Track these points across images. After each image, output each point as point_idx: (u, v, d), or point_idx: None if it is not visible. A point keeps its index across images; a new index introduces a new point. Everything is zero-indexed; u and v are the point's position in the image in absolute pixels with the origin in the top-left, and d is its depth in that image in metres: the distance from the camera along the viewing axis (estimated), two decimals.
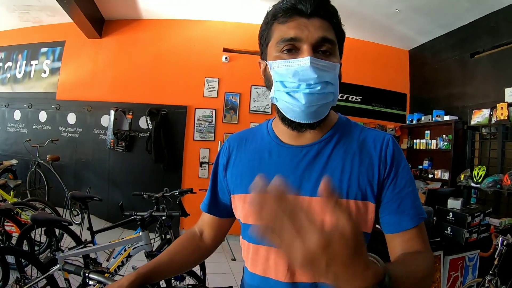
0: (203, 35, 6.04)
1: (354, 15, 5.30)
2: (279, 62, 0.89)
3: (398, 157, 0.95)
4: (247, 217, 1.02)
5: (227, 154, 1.12)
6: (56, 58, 6.33)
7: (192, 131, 5.93)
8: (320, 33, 0.87)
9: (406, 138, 6.28)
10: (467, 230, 3.02)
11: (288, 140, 1.01)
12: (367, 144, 0.97)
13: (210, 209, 1.18)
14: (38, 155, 5.76)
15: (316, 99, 0.87)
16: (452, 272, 3.19)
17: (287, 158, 0.98)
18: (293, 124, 0.95)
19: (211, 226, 1.21)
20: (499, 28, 4.66)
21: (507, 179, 4.00)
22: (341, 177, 0.92)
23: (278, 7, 0.91)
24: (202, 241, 1.21)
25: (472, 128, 4.91)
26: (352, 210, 0.90)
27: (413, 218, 0.91)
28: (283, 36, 0.89)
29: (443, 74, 5.72)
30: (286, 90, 0.88)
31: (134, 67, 6.03)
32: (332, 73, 0.89)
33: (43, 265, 2.80)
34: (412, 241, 0.91)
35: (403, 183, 0.93)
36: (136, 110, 5.86)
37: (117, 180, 5.95)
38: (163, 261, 1.10)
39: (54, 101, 6.24)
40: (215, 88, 5.96)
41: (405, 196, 0.93)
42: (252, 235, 1.02)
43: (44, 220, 2.98)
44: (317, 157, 0.96)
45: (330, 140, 0.98)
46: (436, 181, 5.42)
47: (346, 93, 6.29)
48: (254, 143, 1.08)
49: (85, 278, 1.28)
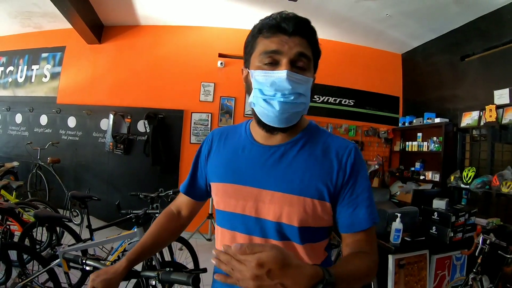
0: (199, 40, 6.15)
1: (346, 21, 5.42)
2: (260, 72, 1.01)
3: (359, 166, 1.06)
4: (219, 204, 1.16)
5: (209, 145, 1.27)
6: (57, 63, 6.46)
7: (189, 135, 6.04)
8: (298, 48, 1.00)
9: (399, 140, 6.34)
10: (451, 229, 3.11)
11: (260, 139, 1.13)
12: (330, 151, 1.08)
13: (188, 191, 1.34)
14: (39, 157, 5.89)
15: (289, 107, 0.99)
16: (439, 271, 3.28)
17: (257, 155, 1.11)
18: (266, 127, 1.06)
19: (187, 206, 1.38)
20: (488, 31, 4.74)
21: (495, 180, 4.05)
22: (302, 178, 1.04)
23: (264, 23, 1.03)
24: (180, 220, 1.38)
25: (462, 130, 4.96)
26: (308, 208, 1.03)
27: (364, 223, 1.03)
28: (266, 49, 1.01)
29: (435, 77, 5.80)
30: (263, 97, 1.00)
31: (132, 72, 6.15)
32: (305, 86, 1.01)
33: (45, 260, 2.91)
34: (361, 242, 1.04)
35: (359, 190, 1.05)
36: (134, 114, 5.98)
37: (116, 182, 6.06)
38: (148, 244, 1.27)
39: (55, 105, 6.36)
40: (211, 92, 6.07)
41: (360, 202, 1.05)
42: (221, 220, 1.18)
43: (46, 217, 3.20)
44: (283, 157, 1.08)
45: (297, 143, 1.10)
46: (427, 183, 5.49)
47: (339, 97, 6.37)
48: (233, 139, 1.22)
49: (83, 264, 1.39)
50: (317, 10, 5.05)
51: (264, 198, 1.06)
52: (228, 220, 1.13)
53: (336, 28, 5.69)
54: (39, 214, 3.19)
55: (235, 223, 1.11)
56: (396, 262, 2.99)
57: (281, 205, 1.03)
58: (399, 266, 3.01)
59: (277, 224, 1.05)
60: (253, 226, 1.08)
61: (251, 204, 1.07)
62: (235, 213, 1.10)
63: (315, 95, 6.13)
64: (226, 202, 1.13)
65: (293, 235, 1.05)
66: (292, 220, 1.03)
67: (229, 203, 1.11)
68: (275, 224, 1.05)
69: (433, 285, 3.27)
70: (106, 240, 3.04)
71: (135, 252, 1.24)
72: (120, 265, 1.19)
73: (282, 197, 1.03)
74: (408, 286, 3.07)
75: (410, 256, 3.09)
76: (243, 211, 1.08)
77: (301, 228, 1.04)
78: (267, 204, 1.05)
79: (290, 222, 1.03)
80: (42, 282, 3.03)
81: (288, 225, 1.04)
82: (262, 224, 1.07)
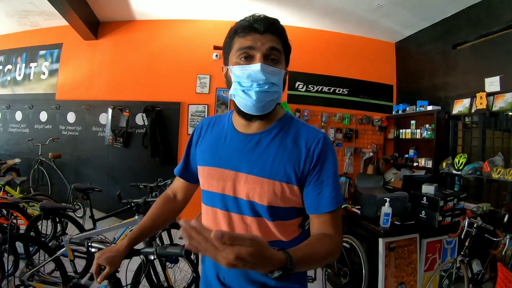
0: (194, 34, 6.22)
1: (338, 11, 5.48)
2: (237, 67, 1.13)
3: (325, 154, 1.17)
4: (204, 184, 1.30)
5: (199, 132, 1.40)
6: (55, 60, 6.54)
7: (186, 126, 6.15)
8: (270, 44, 1.12)
9: (393, 128, 6.41)
10: (440, 213, 3.21)
11: (240, 128, 1.26)
12: (299, 140, 1.20)
13: (182, 174, 1.49)
14: (40, 153, 6.01)
15: (264, 96, 1.12)
16: (430, 254, 3.40)
17: (236, 142, 1.24)
18: (246, 115, 1.19)
19: (182, 189, 1.52)
20: (480, 20, 4.78)
21: (486, 166, 4.12)
22: (272, 163, 1.17)
23: (239, 25, 1.16)
24: (176, 202, 1.53)
25: (454, 117, 5.04)
26: (276, 190, 1.16)
27: (328, 205, 1.14)
28: (241, 46, 1.13)
29: (427, 65, 5.86)
30: (241, 89, 1.12)
31: (129, 67, 6.24)
32: (277, 77, 1.13)
33: (51, 249, 3.04)
34: (326, 223, 1.15)
35: (325, 176, 1.16)
36: (132, 107, 6.09)
37: (116, 175, 6.19)
38: (147, 225, 1.43)
39: (54, 101, 6.47)
40: (206, 84, 6.16)
41: (325, 187, 1.16)
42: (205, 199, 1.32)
43: (52, 208, 3.37)
44: (258, 144, 1.21)
45: (271, 132, 1.22)
46: (420, 169, 5.57)
47: (333, 86, 6.44)
48: (217, 127, 1.34)
49: (88, 247, 1.55)
50: (310, 1, 5.10)
51: (240, 179, 1.18)
52: (211, 198, 1.26)
53: (328, 18, 5.74)
54: (45, 206, 3.34)
55: (216, 201, 1.24)
56: (386, 245, 3.11)
57: (253, 186, 1.16)
58: (389, 249, 3.13)
59: (250, 203, 1.17)
60: (231, 204, 1.21)
61: (229, 185, 1.20)
62: (216, 193, 1.23)
63: (309, 84, 6.25)
64: (209, 182, 1.25)
65: (263, 213, 1.17)
66: (262, 200, 1.15)
67: (212, 184, 1.25)
68: (248, 202, 1.17)
69: (424, 267, 3.38)
70: (109, 228, 3.21)
71: (135, 232, 1.40)
72: (122, 244, 1.36)
73: (255, 179, 1.16)
74: (398, 268, 3.18)
75: (400, 239, 3.20)
76: (223, 191, 1.21)
77: (270, 207, 1.16)
78: (242, 184, 1.18)
79: (261, 202, 1.15)
80: (48, 272, 3.16)
81: (259, 204, 1.16)
82: (238, 203, 1.19)
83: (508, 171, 3.86)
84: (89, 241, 1.57)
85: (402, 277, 3.22)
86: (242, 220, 1.20)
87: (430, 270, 3.40)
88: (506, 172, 3.88)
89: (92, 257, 1.42)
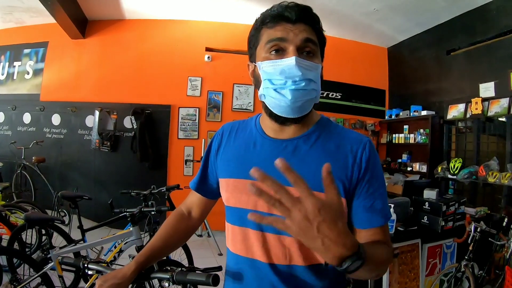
0: (186, 34, 6.11)
1: (334, 14, 5.43)
2: (267, 62, 0.98)
3: (374, 160, 1.03)
4: (229, 200, 1.13)
5: (219, 139, 1.23)
6: (40, 59, 6.30)
7: (176, 130, 6.01)
8: (304, 34, 0.97)
9: (386, 132, 6.46)
10: (442, 218, 3.19)
11: (272, 133, 1.10)
12: (344, 145, 1.04)
13: (198, 188, 1.30)
14: (24, 157, 5.76)
15: (301, 95, 0.96)
16: (431, 259, 3.35)
17: (269, 149, 1.07)
18: (279, 119, 1.03)
19: (198, 205, 1.33)
20: (474, 26, 4.84)
21: (482, 170, 4.17)
22: (316, 173, 0.96)
23: (266, 14, 1.01)
24: (190, 220, 1.34)
25: (449, 122, 5.08)
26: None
27: (383, 218, 1.01)
28: (271, 37, 0.98)
29: (421, 70, 5.91)
30: (273, 87, 0.97)
31: (118, 67, 6.07)
32: (314, 72, 0.98)
33: (37, 263, 2.82)
34: (377, 236, 1.00)
35: (377, 185, 1.02)
36: (121, 110, 5.91)
37: (103, 180, 5.98)
38: (157, 246, 1.22)
39: (38, 103, 6.22)
40: (198, 87, 6.05)
41: (378, 197, 1.01)
42: (231, 217, 1.13)
43: (38, 219, 3.02)
44: (295, 151, 1.04)
45: (310, 137, 1.06)
46: (414, 174, 5.59)
47: (326, 90, 6.43)
48: (243, 133, 1.18)
49: (84, 268, 1.33)
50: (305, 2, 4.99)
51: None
52: (239, 216, 1.10)
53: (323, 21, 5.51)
54: (31, 217, 3.00)
55: (246, 219, 1.04)
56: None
57: None
58: (393, 255, 3.06)
59: None
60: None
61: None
62: (246, 209, 1.06)
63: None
64: (237, 197, 1.09)
65: None
66: None
67: (240, 199, 1.08)
68: None
69: (426, 273, 3.32)
70: (101, 241, 2.95)
71: (144, 254, 1.19)
72: (129, 269, 1.14)
73: (295, 192, 1.01)
74: (402, 275, 3.12)
75: (403, 245, 3.13)
76: (255, 207, 1.04)
77: None
78: None
79: None
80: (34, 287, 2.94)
81: None
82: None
83: (504, 175, 3.91)
84: (85, 262, 1.34)
85: (406, 283, 3.16)
86: (279, 241, 1.03)
87: (430, 275, 3.36)
88: (502, 176, 3.94)
89: (83, 270, 1.27)
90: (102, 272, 1.30)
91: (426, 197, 3.43)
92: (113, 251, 3.04)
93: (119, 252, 3.00)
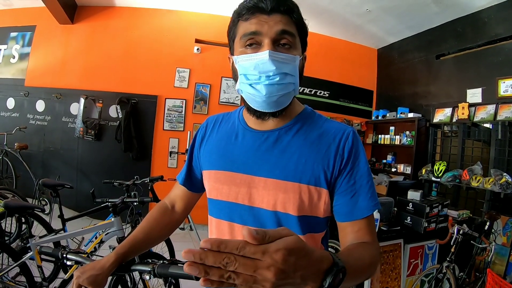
0: (176, 25, 6.04)
1: (326, 13, 5.43)
2: (243, 56, 0.96)
3: (357, 150, 1.01)
4: (211, 192, 1.11)
5: (203, 132, 1.21)
6: (26, 43, 6.13)
7: (162, 121, 5.95)
8: (279, 26, 0.94)
9: (371, 133, 6.52)
10: (425, 219, 3.22)
11: (253, 125, 1.08)
12: (326, 135, 1.03)
13: (184, 182, 1.27)
14: (6, 143, 5.60)
15: (276, 90, 0.94)
16: (412, 260, 3.41)
17: (250, 141, 1.06)
18: (257, 113, 1.02)
19: (182, 199, 1.30)
20: (464, 33, 4.91)
21: (466, 174, 4.24)
22: (297, 163, 0.99)
23: (242, 6, 0.98)
24: (174, 214, 1.30)
25: (435, 125, 5.13)
26: (303, 195, 0.98)
27: (364, 210, 0.98)
28: (245, 31, 0.96)
29: (409, 73, 5.96)
30: (249, 82, 0.95)
31: (105, 55, 5.96)
32: (291, 65, 0.95)
33: (16, 253, 2.73)
34: (362, 231, 0.97)
35: (358, 176, 0.99)
36: (106, 98, 5.81)
37: (86, 169, 5.89)
38: (139, 239, 1.18)
39: (23, 88, 6.06)
40: (186, 78, 5.99)
41: (359, 189, 0.99)
42: (213, 210, 1.12)
43: (17, 207, 2.93)
44: (277, 142, 1.03)
45: (291, 128, 1.05)
46: (399, 175, 5.65)
47: (314, 88, 6.43)
48: (226, 125, 1.17)
49: (63, 259, 1.28)
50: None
51: (257, 185, 1.01)
52: (220, 209, 1.08)
53: (314, 19, 5.67)
54: (10, 204, 2.90)
55: (227, 213, 1.06)
56: None
57: (275, 192, 0.98)
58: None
59: (275, 214, 0.99)
60: (246, 215, 1.03)
61: (244, 191, 1.02)
62: (227, 202, 1.05)
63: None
64: (218, 189, 1.07)
65: (293, 225, 0.98)
66: (288, 208, 0.98)
67: (221, 191, 1.06)
68: (272, 213, 0.99)
69: (407, 273, 3.37)
70: (82, 231, 2.86)
71: (125, 246, 1.14)
72: (108, 260, 1.09)
73: (276, 183, 0.98)
74: (384, 274, 3.15)
75: (386, 245, 3.17)
76: (236, 199, 1.03)
77: (301, 217, 0.99)
78: (260, 191, 1.00)
79: (285, 210, 0.98)
80: (12, 277, 2.88)
81: (284, 213, 0.98)
82: (256, 214, 1.02)
83: (488, 180, 3.97)
84: (64, 252, 1.29)
85: (387, 282, 3.20)
86: None
87: (412, 275, 3.41)
88: (485, 181, 3.99)
89: (61, 260, 1.23)
90: (81, 263, 1.25)
91: (410, 198, 3.46)
92: (94, 242, 2.99)
93: (100, 243, 2.95)
